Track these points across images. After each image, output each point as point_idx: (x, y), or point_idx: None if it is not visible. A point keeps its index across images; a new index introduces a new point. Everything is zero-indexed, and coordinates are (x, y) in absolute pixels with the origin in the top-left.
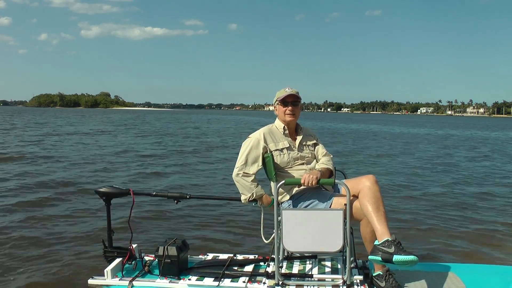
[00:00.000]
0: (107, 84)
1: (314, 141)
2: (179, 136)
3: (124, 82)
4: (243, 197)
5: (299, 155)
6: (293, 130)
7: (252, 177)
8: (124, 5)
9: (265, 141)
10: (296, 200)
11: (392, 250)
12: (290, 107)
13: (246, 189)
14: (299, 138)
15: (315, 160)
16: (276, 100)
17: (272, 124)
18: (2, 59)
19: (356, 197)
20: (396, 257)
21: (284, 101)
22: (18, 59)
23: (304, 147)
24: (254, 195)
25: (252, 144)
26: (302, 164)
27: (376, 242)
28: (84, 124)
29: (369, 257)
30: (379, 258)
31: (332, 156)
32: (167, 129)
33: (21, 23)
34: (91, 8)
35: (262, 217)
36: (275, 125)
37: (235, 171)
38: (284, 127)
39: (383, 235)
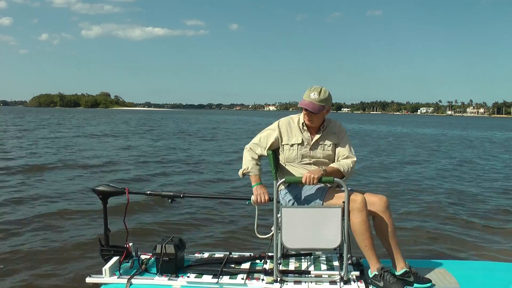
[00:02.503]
0: (107, 84)
1: (336, 142)
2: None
3: (124, 82)
4: (240, 170)
5: (308, 153)
6: (315, 128)
7: (256, 156)
8: (125, 5)
9: (280, 133)
10: (292, 188)
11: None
12: (307, 113)
13: (245, 162)
14: (317, 136)
15: (327, 161)
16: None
17: (298, 115)
18: (2, 59)
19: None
20: None
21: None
22: (19, 59)
23: (319, 146)
24: (248, 169)
25: (270, 129)
26: (309, 164)
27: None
28: (99, 125)
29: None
30: None
31: (355, 159)
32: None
33: (22, 23)
34: (92, 8)
35: (256, 213)
36: (298, 118)
37: (248, 145)
38: (303, 122)
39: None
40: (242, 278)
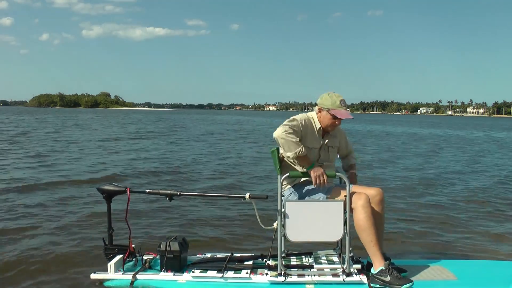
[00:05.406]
0: (108, 84)
1: (337, 145)
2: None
3: (124, 82)
4: (290, 153)
5: (319, 157)
6: (325, 131)
7: (298, 139)
8: (126, 6)
9: (301, 130)
10: (297, 188)
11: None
12: (338, 121)
13: (293, 146)
14: (326, 140)
15: (331, 163)
16: (328, 109)
17: (311, 116)
18: (3, 59)
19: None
20: None
21: (336, 116)
22: (19, 59)
23: (328, 149)
24: (302, 151)
25: (297, 120)
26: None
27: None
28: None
29: None
30: None
31: (354, 154)
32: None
33: (23, 23)
34: (93, 8)
35: (255, 208)
36: (313, 121)
37: (283, 128)
38: (320, 127)
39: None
40: (247, 273)
